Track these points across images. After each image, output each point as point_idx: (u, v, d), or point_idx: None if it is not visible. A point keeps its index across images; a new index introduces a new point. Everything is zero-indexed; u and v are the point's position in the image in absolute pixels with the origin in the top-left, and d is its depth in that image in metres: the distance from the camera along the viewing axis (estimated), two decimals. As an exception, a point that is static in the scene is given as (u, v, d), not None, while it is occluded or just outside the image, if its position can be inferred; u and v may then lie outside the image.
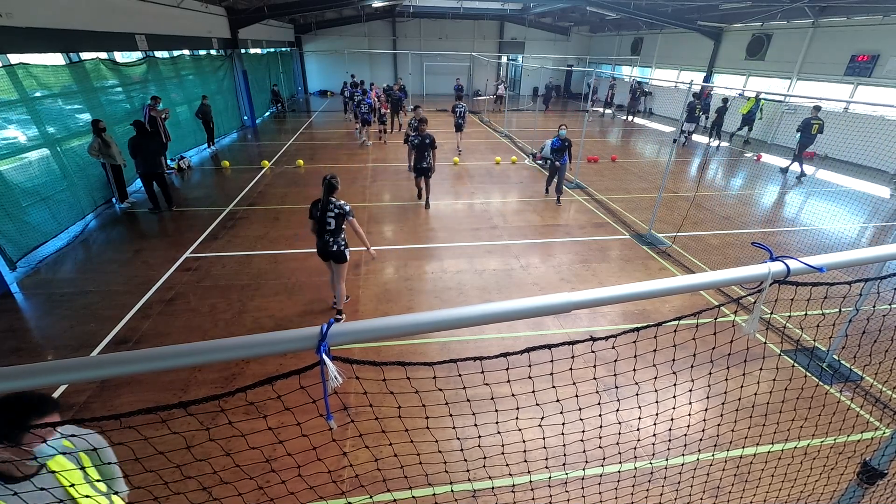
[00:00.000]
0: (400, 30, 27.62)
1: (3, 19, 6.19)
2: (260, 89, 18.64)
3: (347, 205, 4.76)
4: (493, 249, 7.20)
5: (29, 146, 6.78)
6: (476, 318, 1.04)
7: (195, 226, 7.85)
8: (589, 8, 18.93)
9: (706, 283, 1.20)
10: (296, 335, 0.95)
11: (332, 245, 4.77)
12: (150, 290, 5.77)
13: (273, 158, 12.41)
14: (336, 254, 4.81)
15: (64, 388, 4.17)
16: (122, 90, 9.51)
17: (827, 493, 2.88)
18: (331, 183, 4.70)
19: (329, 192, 4.69)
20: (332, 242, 4.77)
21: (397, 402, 1.47)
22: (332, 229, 4.72)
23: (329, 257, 4.87)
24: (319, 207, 4.72)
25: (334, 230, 4.73)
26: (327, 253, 4.83)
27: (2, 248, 5.91)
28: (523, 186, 10.53)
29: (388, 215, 8.58)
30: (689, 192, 9.86)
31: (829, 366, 4.59)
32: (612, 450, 3.19)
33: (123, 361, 0.88)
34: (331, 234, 4.75)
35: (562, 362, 3.27)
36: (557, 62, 27.87)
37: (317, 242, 4.90)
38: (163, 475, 1.45)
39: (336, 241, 4.77)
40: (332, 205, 4.67)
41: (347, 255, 4.90)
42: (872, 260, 1.35)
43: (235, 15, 15.26)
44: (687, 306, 5.62)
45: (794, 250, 7.28)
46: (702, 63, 19.18)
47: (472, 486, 2.98)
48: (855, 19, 13.19)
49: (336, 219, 4.68)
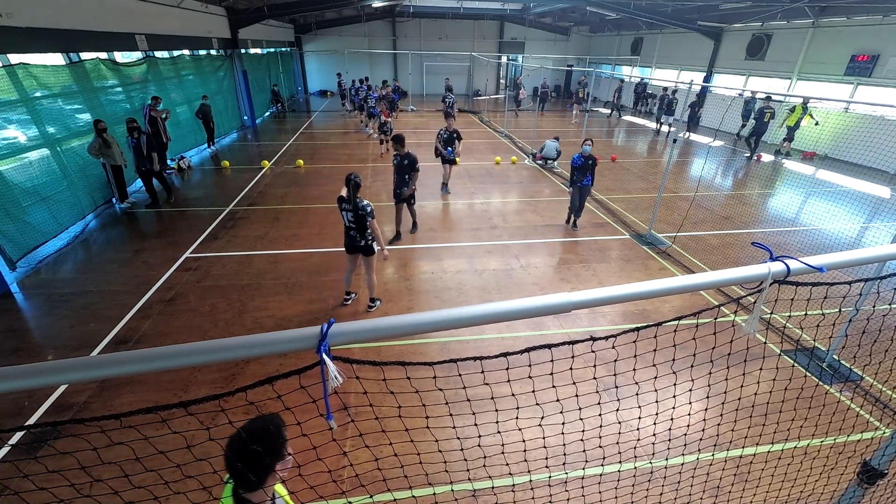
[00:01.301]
0: (400, 30, 27.62)
1: (3, 19, 6.19)
2: (260, 89, 18.64)
3: (370, 205, 4.94)
4: (493, 249, 7.20)
5: (29, 146, 6.78)
6: (476, 318, 1.04)
7: (195, 226, 7.85)
8: (589, 8, 18.93)
9: (706, 283, 1.20)
10: (296, 335, 0.95)
11: (360, 241, 5.05)
12: (150, 290, 5.77)
13: (273, 158, 12.41)
14: (365, 248, 5.10)
15: (64, 388, 4.17)
16: (122, 90, 9.51)
17: (827, 493, 2.88)
18: (356, 182, 4.86)
19: (356, 191, 4.87)
20: (360, 238, 5.04)
21: (397, 401, 1.47)
22: (356, 227, 4.98)
23: (357, 251, 5.15)
24: (349, 207, 4.91)
25: (358, 227, 4.98)
26: (355, 248, 5.11)
27: (2, 248, 5.91)
28: (523, 186, 10.53)
29: (387, 215, 8.58)
30: (689, 192, 9.86)
31: (829, 366, 4.59)
32: (612, 450, 3.19)
33: (123, 361, 0.88)
34: (356, 230, 5.00)
35: (562, 362, 3.27)
36: (557, 62, 27.88)
37: (344, 239, 5.16)
38: (163, 475, 1.45)
39: (364, 237, 5.05)
40: (358, 204, 4.87)
41: (375, 248, 5.17)
42: (872, 260, 1.35)
43: (235, 15, 15.26)
44: (687, 306, 5.62)
45: (794, 250, 7.28)
46: (702, 63, 19.18)
47: (472, 486, 2.98)
48: (855, 19, 13.20)
49: (362, 217, 4.91)
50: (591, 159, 7.48)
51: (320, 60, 27.56)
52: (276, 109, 20.46)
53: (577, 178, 7.61)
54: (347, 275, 5.43)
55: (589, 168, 7.54)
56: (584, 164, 7.48)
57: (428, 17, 26.86)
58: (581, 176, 7.57)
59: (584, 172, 7.56)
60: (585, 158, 7.42)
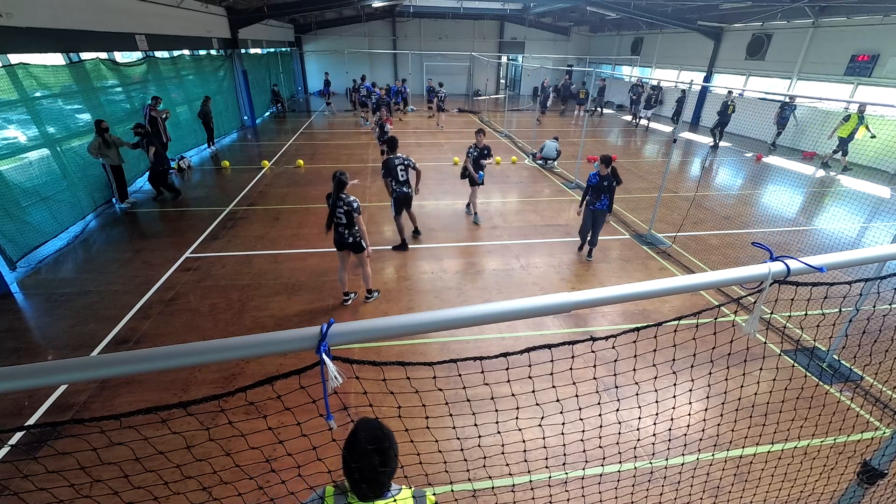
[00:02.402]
0: (400, 30, 27.61)
1: (3, 19, 6.19)
2: (260, 89, 18.64)
3: (356, 201, 4.99)
4: (493, 249, 7.20)
5: (29, 146, 6.78)
6: (476, 318, 1.04)
7: (195, 226, 7.85)
8: (589, 8, 18.92)
9: (706, 283, 1.20)
10: (296, 335, 0.95)
11: (348, 237, 5.11)
12: (150, 290, 5.77)
13: (273, 158, 12.41)
14: (353, 244, 5.15)
15: (64, 388, 4.17)
16: (122, 90, 9.51)
17: (827, 493, 2.88)
18: (340, 179, 4.95)
19: (339, 189, 4.94)
20: (348, 234, 5.10)
21: (397, 402, 1.47)
22: (345, 223, 5.04)
23: (346, 248, 5.20)
24: (331, 203, 5.02)
25: (347, 224, 5.04)
26: (344, 244, 5.16)
27: (2, 248, 5.91)
28: (523, 186, 10.53)
29: (387, 215, 8.58)
30: (689, 192, 9.86)
31: (829, 366, 4.59)
32: (612, 450, 3.19)
33: (123, 361, 0.88)
34: (344, 227, 5.07)
35: (562, 362, 3.27)
36: (557, 62, 27.87)
37: (334, 236, 5.21)
38: (163, 475, 1.45)
39: (351, 234, 5.09)
40: (342, 201, 4.94)
41: (364, 244, 5.22)
42: (872, 260, 1.35)
43: (235, 15, 15.26)
44: (687, 306, 5.62)
45: (794, 250, 7.28)
46: (702, 63, 19.17)
47: (472, 486, 2.98)
48: (855, 19, 13.19)
49: (346, 214, 4.98)
50: (607, 178, 6.24)
51: (320, 60, 27.56)
52: (276, 109, 20.45)
53: (591, 199, 6.44)
54: (341, 273, 5.44)
55: (605, 189, 6.25)
56: (601, 185, 6.27)
57: (428, 17, 26.86)
58: (595, 197, 6.39)
59: (598, 193, 6.34)
60: (601, 178, 6.28)
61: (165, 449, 1.43)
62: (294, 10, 17.71)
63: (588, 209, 6.53)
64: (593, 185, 6.37)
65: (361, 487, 1.37)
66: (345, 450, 1.35)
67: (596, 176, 6.34)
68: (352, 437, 1.35)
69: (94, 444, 1.37)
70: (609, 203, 6.39)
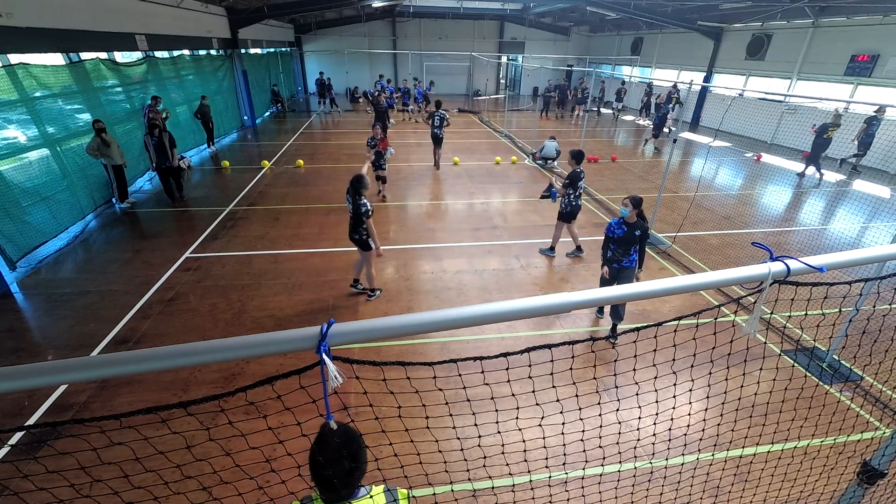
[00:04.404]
0: (400, 30, 27.62)
1: (3, 19, 6.19)
2: (260, 89, 18.64)
3: (366, 205, 5.17)
4: (493, 249, 7.20)
5: (29, 146, 6.78)
6: (476, 318, 1.04)
7: (195, 226, 7.85)
8: (589, 8, 18.93)
9: (706, 283, 1.20)
10: (296, 335, 0.95)
11: (355, 234, 5.34)
12: (150, 290, 5.77)
13: (273, 158, 12.42)
14: (359, 242, 5.36)
15: (64, 388, 4.17)
16: (122, 90, 9.51)
17: (827, 493, 2.88)
18: (352, 184, 5.16)
19: (354, 192, 5.17)
20: (354, 232, 5.33)
21: (397, 401, 1.47)
22: (353, 224, 5.31)
23: (353, 243, 5.43)
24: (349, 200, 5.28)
25: (354, 224, 5.29)
26: (353, 239, 5.41)
27: (2, 248, 5.91)
28: (523, 186, 10.53)
29: (387, 215, 8.58)
30: (689, 192, 9.86)
31: (829, 366, 4.59)
32: (612, 450, 3.19)
33: (123, 361, 0.88)
34: (352, 225, 5.33)
35: (562, 362, 3.27)
36: (557, 62, 27.88)
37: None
38: (163, 475, 1.45)
39: (357, 232, 5.30)
40: (356, 202, 5.17)
41: (371, 245, 5.38)
42: (872, 260, 1.35)
43: (235, 15, 15.26)
44: (687, 306, 5.62)
45: (794, 250, 7.28)
46: (702, 63, 19.18)
47: (472, 486, 2.98)
48: (855, 19, 13.20)
49: (356, 216, 5.22)
50: (636, 226, 4.51)
51: (320, 60, 27.56)
52: (276, 109, 20.46)
53: (615, 255, 4.66)
54: (357, 262, 5.73)
55: (634, 241, 4.55)
56: (629, 236, 4.54)
57: (428, 17, 26.87)
58: (622, 253, 4.62)
59: (627, 247, 4.60)
60: (628, 225, 4.54)
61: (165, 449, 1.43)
62: (294, 10, 17.71)
63: (612, 268, 4.72)
64: (619, 238, 4.59)
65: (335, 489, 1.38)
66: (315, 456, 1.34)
67: (620, 225, 4.58)
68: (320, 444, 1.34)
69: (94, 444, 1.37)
70: (640, 258, 4.68)
